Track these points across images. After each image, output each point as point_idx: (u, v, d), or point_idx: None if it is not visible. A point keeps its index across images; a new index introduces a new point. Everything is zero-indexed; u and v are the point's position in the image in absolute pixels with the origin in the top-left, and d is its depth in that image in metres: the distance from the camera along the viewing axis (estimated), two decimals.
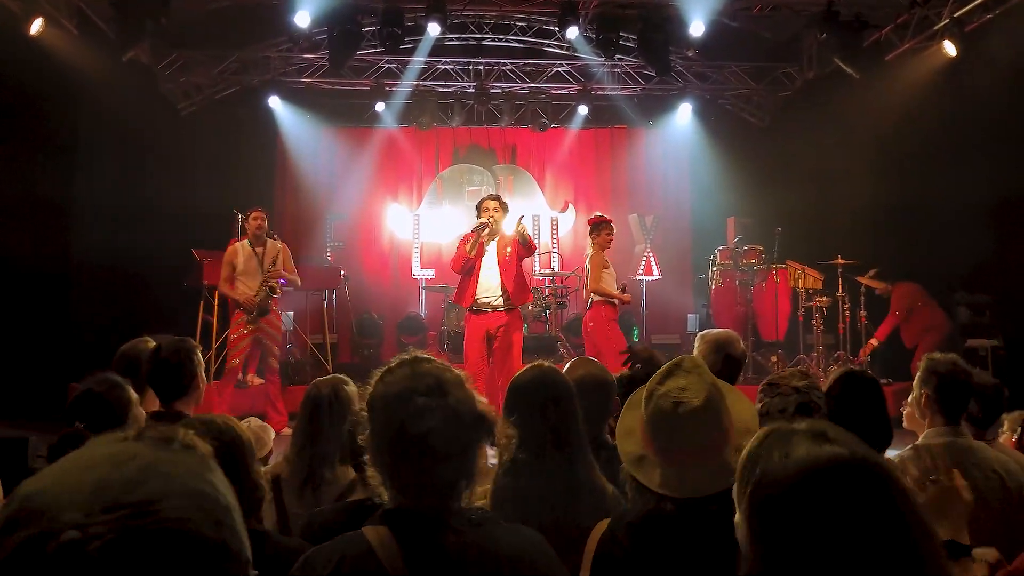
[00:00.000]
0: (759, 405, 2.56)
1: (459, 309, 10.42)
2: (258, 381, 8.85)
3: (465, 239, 7.08)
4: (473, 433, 1.66)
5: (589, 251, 7.90)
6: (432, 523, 1.63)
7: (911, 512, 1.18)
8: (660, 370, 2.05)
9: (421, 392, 1.64)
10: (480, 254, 6.94)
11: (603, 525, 2.02)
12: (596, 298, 7.69)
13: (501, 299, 6.93)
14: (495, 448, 3.07)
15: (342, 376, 3.20)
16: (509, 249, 6.95)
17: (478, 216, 7.04)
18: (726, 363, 3.60)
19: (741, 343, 3.82)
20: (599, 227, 7.88)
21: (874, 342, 9.13)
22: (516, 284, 6.96)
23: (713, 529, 1.80)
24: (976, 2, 8.56)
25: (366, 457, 1.72)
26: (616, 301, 7.74)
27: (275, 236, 8.28)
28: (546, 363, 2.58)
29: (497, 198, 7.15)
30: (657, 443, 1.95)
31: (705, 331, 3.96)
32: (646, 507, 1.96)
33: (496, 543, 1.66)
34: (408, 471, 1.64)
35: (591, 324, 7.73)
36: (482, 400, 1.70)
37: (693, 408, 1.91)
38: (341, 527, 1.79)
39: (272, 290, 7.74)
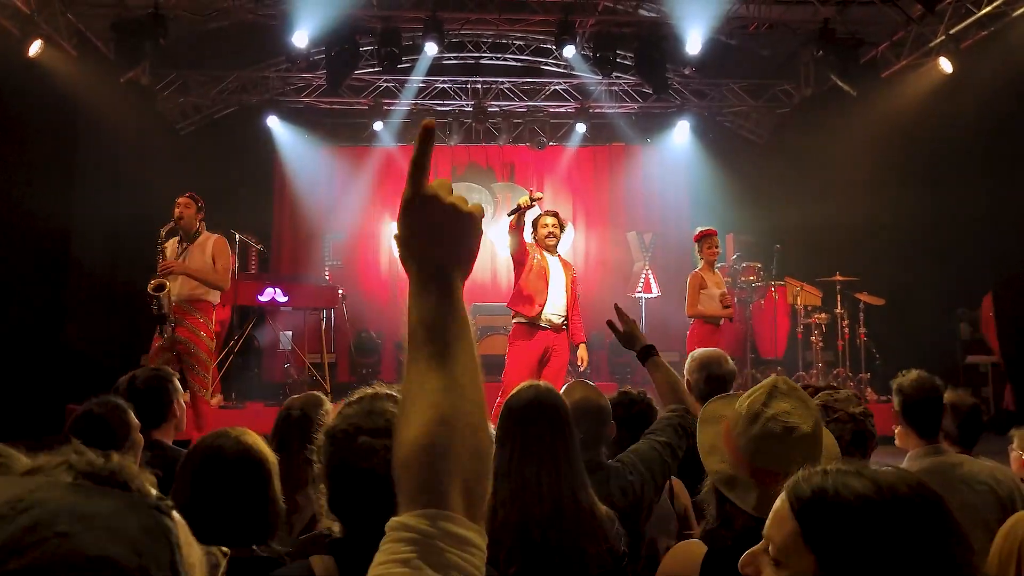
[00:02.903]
0: None
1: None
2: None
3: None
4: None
5: (699, 265, 7.73)
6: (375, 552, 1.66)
7: None
8: (757, 390, 2.00)
9: (367, 431, 1.67)
10: (522, 226, 6.45)
11: (693, 548, 1.97)
12: (694, 319, 7.51)
13: (564, 321, 6.66)
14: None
15: (316, 394, 3.09)
16: (572, 275, 6.78)
17: (534, 232, 6.73)
18: (708, 382, 3.62)
19: (729, 362, 3.81)
20: (700, 242, 7.70)
21: None
22: (572, 311, 6.72)
23: None
24: (971, 19, 8.60)
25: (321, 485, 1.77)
26: (721, 319, 7.49)
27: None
28: (542, 383, 2.52)
29: (556, 214, 6.83)
30: (757, 464, 1.92)
31: (696, 350, 3.97)
32: (737, 529, 1.92)
33: None
34: (349, 505, 1.68)
35: (691, 348, 7.52)
36: None
37: (804, 434, 1.89)
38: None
39: (159, 287, 6.32)
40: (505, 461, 2.32)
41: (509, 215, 6.39)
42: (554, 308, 6.60)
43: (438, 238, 1.00)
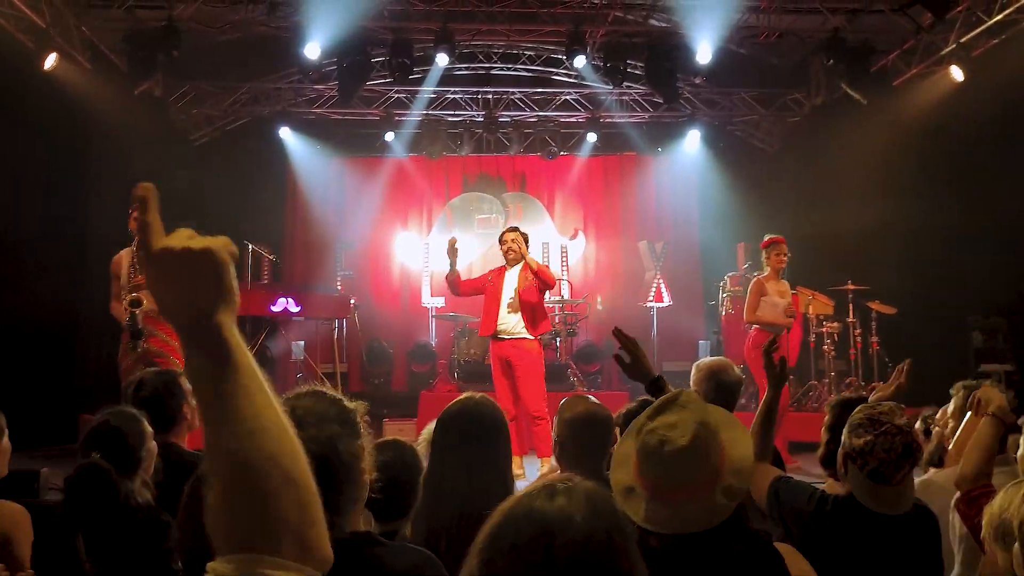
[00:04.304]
0: (860, 442, 2.41)
1: (470, 337, 10.44)
2: None
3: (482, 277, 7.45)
4: (323, 472, 1.70)
5: (765, 271, 7.64)
6: None
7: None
8: (655, 404, 2.00)
9: None
10: (455, 276, 7.40)
11: None
12: (754, 326, 7.44)
13: (519, 328, 7.04)
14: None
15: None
16: (529, 278, 7.05)
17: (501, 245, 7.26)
18: (718, 390, 3.61)
19: (735, 370, 3.80)
20: (768, 249, 7.58)
21: None
22: (534, 315, 7.07)
23: (696, 567, 1.78)
24: (982, 28, 8.59)
25: None
26: (783, 327, 7.31)
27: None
28: (478, 395, 2.51)
29: (515, 229, 7.27)
30: (645, 478, 1.92)
31: (700, 360, 3.96)
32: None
33: (382, 560, 1.70)
34: None
35: (749, 353, 7.38)
36: (355, 444, 1.72)
37: (678, 448, 1.85)
38: None
39: (135, 303, 6.15)
40: (429, 470, 2.35)
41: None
42: (505, 322, 7.07)
43: (182, 286, 0.97)
